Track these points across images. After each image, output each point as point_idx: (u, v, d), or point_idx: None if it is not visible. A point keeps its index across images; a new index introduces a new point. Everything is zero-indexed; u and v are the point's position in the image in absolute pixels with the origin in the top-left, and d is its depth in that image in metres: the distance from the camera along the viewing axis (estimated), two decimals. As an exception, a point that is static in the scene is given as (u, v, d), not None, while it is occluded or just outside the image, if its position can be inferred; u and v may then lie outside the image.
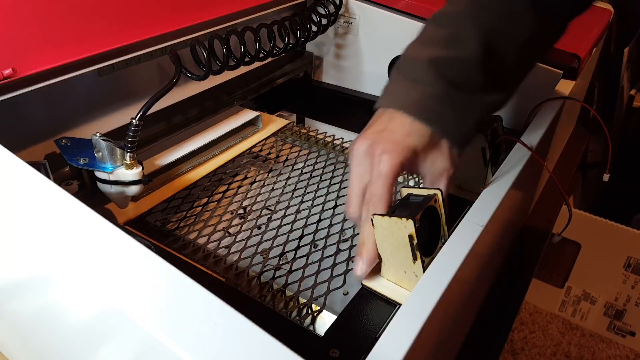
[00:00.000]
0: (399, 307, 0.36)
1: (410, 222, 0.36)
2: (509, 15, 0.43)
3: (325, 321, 0.39)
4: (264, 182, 0.60)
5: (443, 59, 0.42)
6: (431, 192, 0.40)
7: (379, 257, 0.40)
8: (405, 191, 0.42)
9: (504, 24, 0.43)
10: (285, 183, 0.60)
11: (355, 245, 0.49)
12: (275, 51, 0.65)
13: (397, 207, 0.40)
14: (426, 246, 0.39)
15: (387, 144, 0.41)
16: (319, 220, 0.53)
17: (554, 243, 0.64)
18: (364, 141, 0.42)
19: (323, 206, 0.56)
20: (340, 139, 0.70)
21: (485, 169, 0.50)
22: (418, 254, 0.37)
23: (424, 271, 0.37)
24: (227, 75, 0.65)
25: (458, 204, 0.51)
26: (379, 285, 0.40)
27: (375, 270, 0.41)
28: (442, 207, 0.40)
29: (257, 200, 0.57)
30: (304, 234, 0.51)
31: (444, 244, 0.39)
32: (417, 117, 0.41)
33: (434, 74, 0.42)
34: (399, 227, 0.37)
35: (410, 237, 0.36)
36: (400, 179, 0.62)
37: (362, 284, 0.40)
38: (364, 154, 0.42)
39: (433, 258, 0.36)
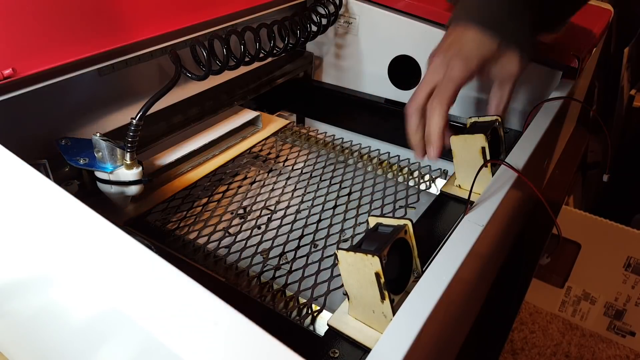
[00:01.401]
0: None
1: (376, 258, 0.33)
2: None
3: (325, 321, 0.39)
4: (264, 182, 0.60)
5: None
6: (402, 222, 0.37)
7: (346, 294, 0.37)
8: (373, 220, 0.39)
9: None
10: (285, 183, 0.60)
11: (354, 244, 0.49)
12: (275, 51, 0.65)
13: (365, 239, 0.37)
14: (397, 282, 0.37)
15: (460, 57, 0.48)
16: (319, 220, 0.53)
17: (543, 264, 0.64)
18: (440, 53, 0.50)
19: (323, 206, 0.56)
20: (340, 139, 0.70)
21: (485, 169, 0.50)
22: (386, 293, 0.34)
23: (393, 312, 0.34)
24: (227, 75, 0.65)
25: (458, 204, 0.51)
26: (345, 325, 0.36)
27: (343, 308, 0.38)
28: (413, 238, 0.38)
29: (257, 200, 0.57)
30: (304, 234, 0.51)
31: (416, 279, 0.36)
32: (485, 29, 0.49)
33: None
34: (365, 263, 0.33)
35: (377, 275, 0.33)
36: (401, 179, 0.62)
37: (327, 324, 0.37)
38: (440, 64, 0.49)
39: (406, 295, 0.33)
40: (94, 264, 0.30)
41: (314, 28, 0.72)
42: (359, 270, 0.34)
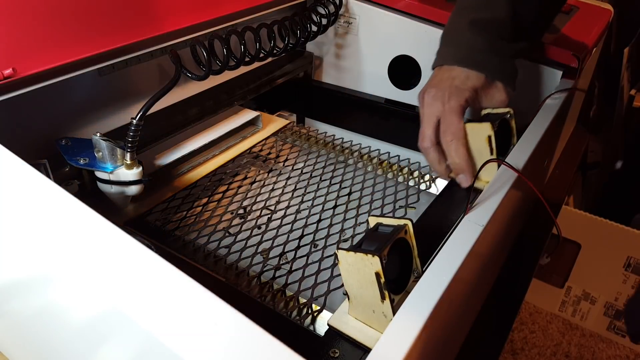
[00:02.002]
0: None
1: (377, 258, 0.33)
2: None
3: (325, 321, 0.39)
4: (264, 182, 0.60)
5: (480, 21, 0.54)
6: (402, 222, 0.37)
7: (346, 293, 0.36)
8: (373, 220, 0.39)
9: None
10: (285, 183, 0.60)
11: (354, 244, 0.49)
12: (275, 51, 0.65)
13: (365, 239, 0.37)
14: (397, 281, 0.37)
15: (452, 88, 0.52)
16: (319, 220, 0.53)
17: (543, 264, 0.65)
18: (432, 89, 0.53)
19: (323, 206, 0.56)
20: (340, 139, 0.70)
21: (491, 157, 0.50)
22: (386, 292, 0.33)
23: (393, 312, 0.34)
24: (227, 75, 0.65)
25: (458, 203, 0.51)
26: (346, 325, 0.36)
27: (343, 308, 0.38)
28: (413, 238, 0.38)
29: (257, 200, 0.57)
30: (304, 234, 0.51)
31: (416, 279, 0.36)
32: (470, 67, 0.53)
33: (474, 33, 0.53)
34: (365, 263, 0.33)
35: (377, 274, 0.33)
36: (401, 179, 0.62)
37: (328, 324, 0.37)
38: (434, 97, 0.52)
39: (406, 295, 0.32)
40: (94, 264, 0.30)
41: (314, 28, 0.72)
42: (359, 270, 0.34)
